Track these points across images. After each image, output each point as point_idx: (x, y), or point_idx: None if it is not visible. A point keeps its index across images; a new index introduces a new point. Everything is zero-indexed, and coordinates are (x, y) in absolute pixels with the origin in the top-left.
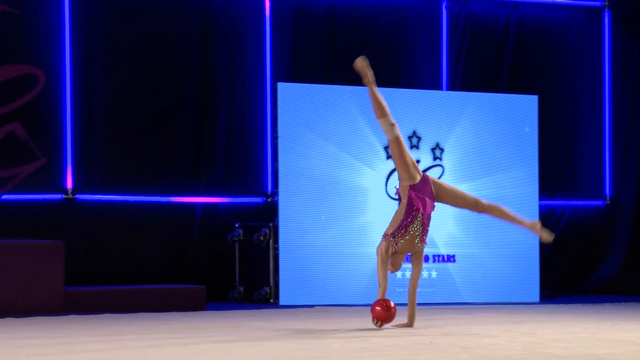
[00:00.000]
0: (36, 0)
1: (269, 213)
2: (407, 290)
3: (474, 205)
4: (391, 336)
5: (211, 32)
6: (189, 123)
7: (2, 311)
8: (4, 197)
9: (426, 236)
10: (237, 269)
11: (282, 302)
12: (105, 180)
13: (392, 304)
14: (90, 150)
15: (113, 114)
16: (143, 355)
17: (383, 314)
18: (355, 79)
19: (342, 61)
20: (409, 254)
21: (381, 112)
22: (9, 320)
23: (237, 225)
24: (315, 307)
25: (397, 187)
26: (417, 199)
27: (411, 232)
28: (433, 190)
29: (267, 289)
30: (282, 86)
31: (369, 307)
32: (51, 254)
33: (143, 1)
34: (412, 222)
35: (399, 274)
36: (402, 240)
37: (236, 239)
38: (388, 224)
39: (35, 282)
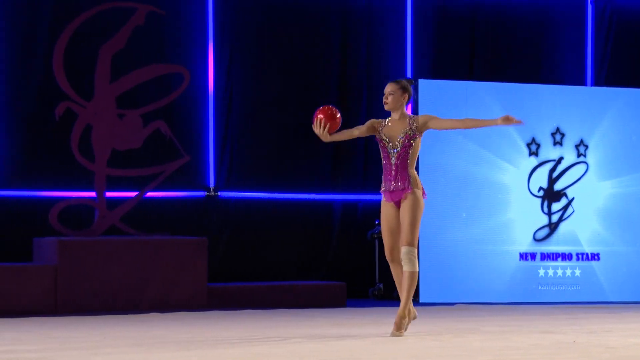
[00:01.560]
0: (181, 1)
1: None
2: (549, 289)
3: None
4: (533, 334)
5: (351, 31)
6: None
7: (147, 307)
8: (149, 194)
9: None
10: (377, 266)
11: (422, 299)
12: (246, 177)
13: (338, 116)
14: (231, 148)
15: (254, 112)
16: (286, 351)
17: (327, 115)
18: (496, 76)
19: (483, 58)
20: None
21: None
22: (154, 316)
23: (377, 222)
24: (456, 304)
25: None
26: None
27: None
28: None
29: None
30: (422, 83)
31: (510, 306)
32: (195, 250)
33: (283, 2)
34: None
35: (541, 271)
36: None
37: (376, 236)
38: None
39: (179, 278)
